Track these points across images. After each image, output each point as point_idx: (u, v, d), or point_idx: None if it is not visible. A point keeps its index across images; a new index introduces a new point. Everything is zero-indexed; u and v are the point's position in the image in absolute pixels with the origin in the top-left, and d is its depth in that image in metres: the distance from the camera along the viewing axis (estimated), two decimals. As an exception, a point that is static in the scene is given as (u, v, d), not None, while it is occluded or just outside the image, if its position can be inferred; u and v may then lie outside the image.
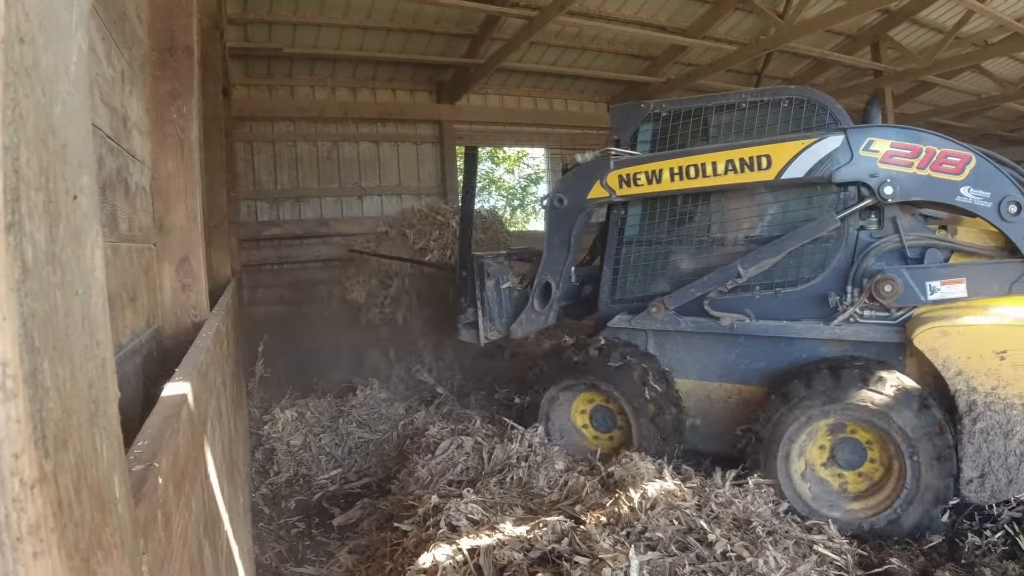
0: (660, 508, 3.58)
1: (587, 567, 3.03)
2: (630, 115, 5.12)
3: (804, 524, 3.82)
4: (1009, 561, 3.72)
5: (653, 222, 5.10)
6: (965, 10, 10.87)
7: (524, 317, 5.52)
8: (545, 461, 4.59)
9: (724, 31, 10.98)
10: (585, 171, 5.11)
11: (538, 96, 11.77)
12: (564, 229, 5.28)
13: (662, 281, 5.08)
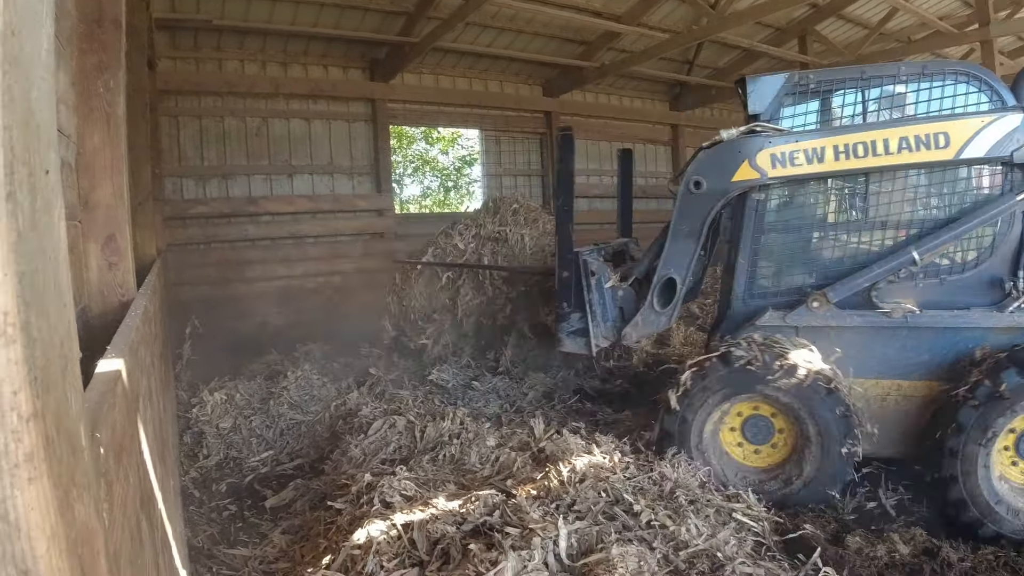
0: (589, 481, 3.72)
1: (518, 537, 3.13)
2: (770, 86, 4.51)
3: (725, 494, 4.03)
4: (916, 528, 4.02)
5: (800, 206, 4.66)
6: (890, 7, 11.38)
7: (640, 319, 4.89)
8: (477, 438, 4.69)
9: (658, 19, 11.21)
10: (729, 150, 4.45)
11: (473, 77, 11.74)
12: (697, 217, 4.61)
13: (812, 272, 4.60)
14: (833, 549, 3.72)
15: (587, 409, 5.97)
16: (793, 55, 12.74)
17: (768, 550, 3.61)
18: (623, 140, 13.85)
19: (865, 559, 3.66)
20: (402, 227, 10.93)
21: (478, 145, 13.10)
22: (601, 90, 13.40)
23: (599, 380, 6.79)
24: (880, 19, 12.35)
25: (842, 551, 3.71)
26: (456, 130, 19.71)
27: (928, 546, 3.79)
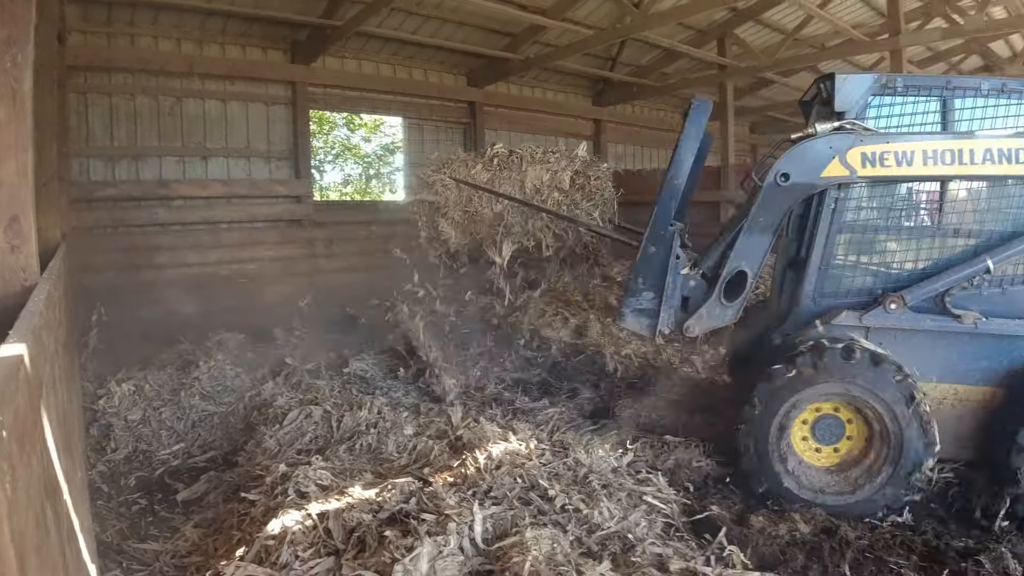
0: (505, 468, 3.80)
1: (434, 523, 3.19)
2: (858, 85, 4.45)
3: (636, 477, 4.18)
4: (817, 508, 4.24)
5: (880, 208, 4.64)
6: (805, 14, 11.87)
7: (705, 311, 4.68)
8: (394, 427, 4.71)
9: (583, 15, 11.36)
10: (821, 145, 4.37)
11: (397, 64, 11.60)
12: (778, 210, 4.50)
13: (886, 275, 4.62)
14: (738, 528, 3.89)
15: (505, 398, 6.05)
16: (712, 56, 13.14)
17: (677, 531, 3.78)
18: (546, 133, 14.01)
19: (768, 537, 3.84)
20: (321, 214, 10.72)
21: (401, 133, 12.96)
22: (526, 83, 13.48)
23: (518, 370, 6.89)
24: (796, 25, 12.88)
25: (746, 530, 3.89)
26: (379, 117, 19.46)
27: (827, 525, 4.00)
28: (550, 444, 4.38)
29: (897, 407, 4.09)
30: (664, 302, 4.68)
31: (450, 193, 6.62)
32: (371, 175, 22.17)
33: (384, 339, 7.33)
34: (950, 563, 3.57)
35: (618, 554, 3.32)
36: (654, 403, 5.69)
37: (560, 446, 4.36)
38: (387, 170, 21.83)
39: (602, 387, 6.33)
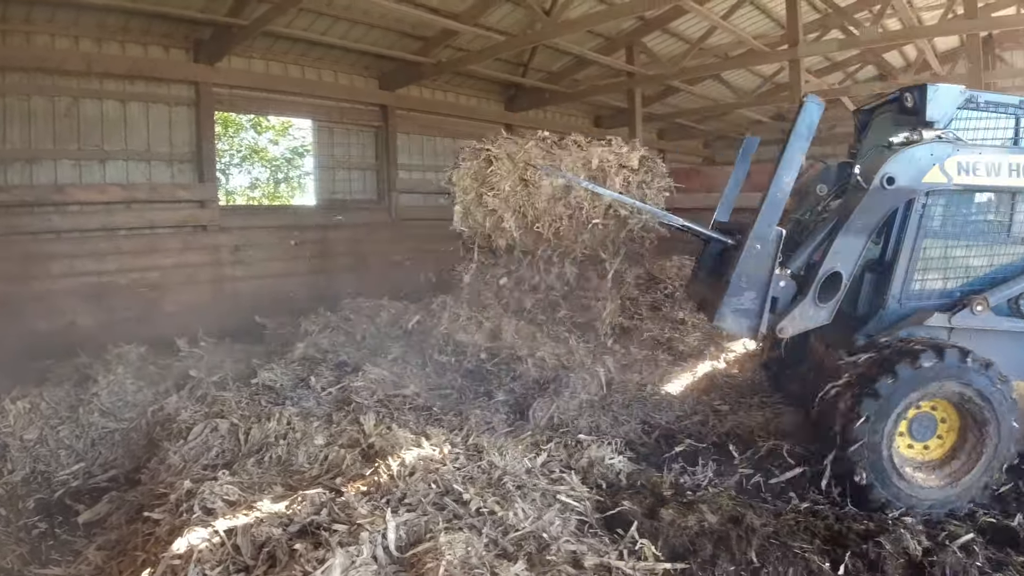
0: (419, 474, 3.80)
1: (346, 533, 3.16)
2: (947, 97, 4.61)
3: (550, 477, 4.24)
4: (723, 497, 4.41)
5: (964, 215, 4.82)
6: (710, 25, 12.33)
7: (799, 312, 4.62)
8: (305, 437, 4.63)
9: (495, 20, 11.44)
10: (925, 151, 4.45)
11: (306, 65, 11.36)
12: (877, 213, 4.52)
13: (968, 278, 4.81)
14: (649, 522, 3.96)
15: (420, 404, 6.02)
16: (621, 64, 13.50)
17: (591, 527, 3.86)
18: (459, 137, 14.01)
19: (678, 529, 3.91)
20: (227, 219, 10.38)
21: (310, 136, 12.72)
22: (438, 87, 13.47)
23: (434, 375, 6.87)
24: (700, 35, 13.36)
25: (657, 523, 3.96)
26: (287, 119, 19.03)
27: (734, 514, 4.12)
28: (464, 448, 4.39)
29: (1000, 407, 4.26)
30: (768, 302, 4.60)
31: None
32: (280, 179, 21.62)
33: (295, 347, 7.16)
34: (852, 545, 3.74)
35: (533, 554, 3.38)
36: (567, 403, 5.78)
37: (475, 450, 4.38)
38: (296, 174, 21.34)
39: (517, 390, 6.38)
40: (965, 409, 4.34)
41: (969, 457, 4.36)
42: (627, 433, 5.43)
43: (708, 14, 11.57)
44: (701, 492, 4.57)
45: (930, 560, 3.59)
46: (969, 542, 3.79)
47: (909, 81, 16.00)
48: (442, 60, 11.90)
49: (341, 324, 8.06)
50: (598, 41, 13.25)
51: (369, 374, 6.32)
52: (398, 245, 12.31)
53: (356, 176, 12.45)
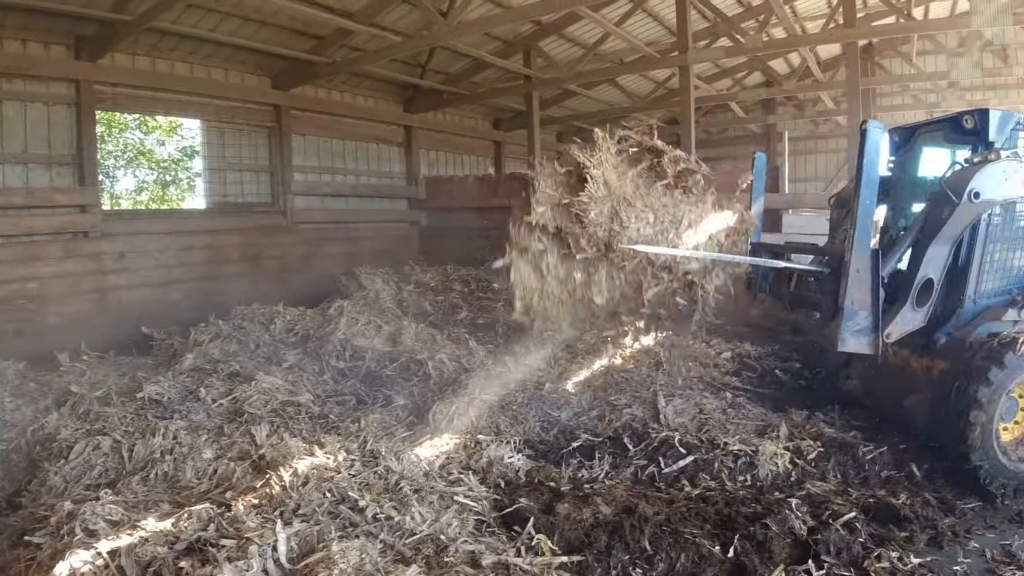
0: (312, 483, 3.72)
1: (234, 548, 3.06)
2: (1006, 120, 5.13)
3: (448, 479, 4.24)
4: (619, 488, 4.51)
5: (1016, 222, 5.35)
6: (604, 31, 12.63)
7: (900, 318, 4.93)
8: (192, 451, 4.46)
9: (391, 20, 11.33)
10: (1003, 168, 4.85)
11: (195, 63, 10.89)
12: (964, 224, 4.90)
13: (1017, 278, 5.35)
14: (545, 518, 4.03)
15: (316, 412, 5.89)
16: (518, 68, 13.64)
17: (488, 526, 3.88)
18: (356, 138, 13.84)
19: (573, 523, 3.99)
20: (111, 225, 9.80)
21: (200, 137, 12.21)
22: (334, 87, 13.22)
23: (332, 380, 6.74)
24: (595, 41, 13.68)
25: (553, 518, 4.04)
26: (175, 119, 18.20)
27: (628, 504, 4.23)
28: (361, 455, 4.33)
29: None
30: (882, 316, 4.86)
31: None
32: (168, 181, 20.61)
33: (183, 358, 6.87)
34: (740, 528, 3.90)
35: (431, 556, 3.37)
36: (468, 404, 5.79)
37: (371, 456, 4.32)
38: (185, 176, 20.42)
39: (416, 393, 6.34)
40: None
41: None
42: (526, 431, 5.48)
43: (602, 21, 11.87)
44: (597, 485, 4.67)
45: (815, 538, 3.78)
46: (851, 520, 4.01)
47: (793, 87, 17.03)
48: (337, 60, 11.68)
49: (233, 333, 7.79)
50: (496, 44, 13.35)
51: (262, 383, 6.12)
52: (294, 249, 12.00)
53: (249, 178, 12.03)
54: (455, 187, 14.50)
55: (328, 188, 13.16)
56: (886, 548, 3.77)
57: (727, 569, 3.61)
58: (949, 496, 4.54)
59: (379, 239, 13.84)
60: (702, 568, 3.60)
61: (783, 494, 4.51)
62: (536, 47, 13.71)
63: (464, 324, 8.95)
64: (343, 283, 10.28)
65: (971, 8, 9.80)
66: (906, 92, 19.43)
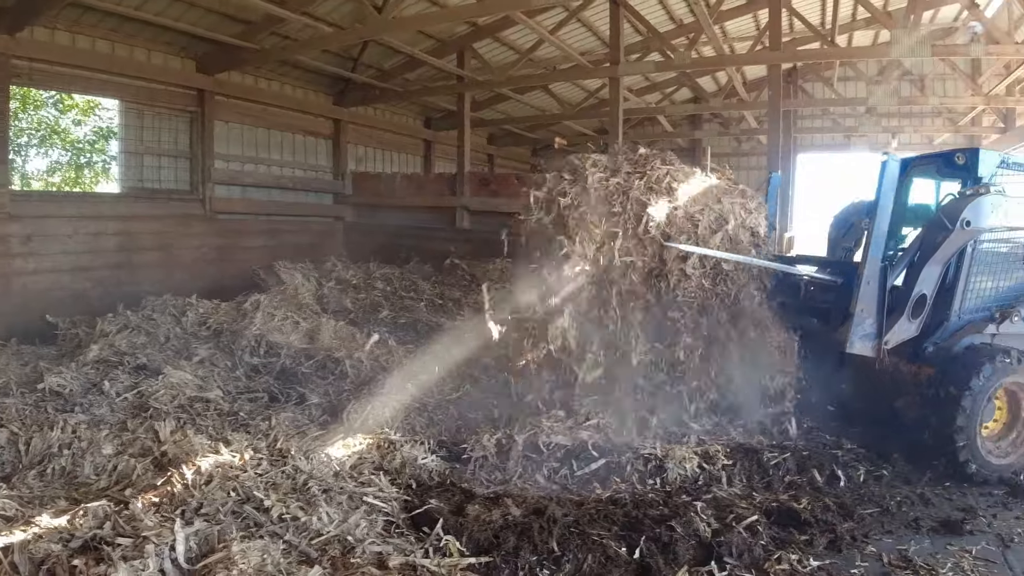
0: (216, 482, 3.63)
1: (130, 547, 2.97)
2: (992, 159, 5.95)
3: (359, 480, 4.21)
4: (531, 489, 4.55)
5: (1006, 247, 5.98)
6: (538, 37, 12.73)
7: (898, 328, 5.69)
8: (92, 447, 4.30)
9: (324, 11, 11.10)
10: (989, 201, 5.51)
11: (117, 41, 10.36)
12: (955, 248, 5.62)
13: (997, 296, 5.97)
14: (455, 519, 4.04)
15: (226, 409, 5.74)
16: (452, 68, 13.61)
17: (397, 527, 3.87)
18: (283, 129, 13.54)
19: (482, 524, 4.00)
20: (19, 206, 9.14)
21: (118, 118, 11.67)
22: (262, 75, 12.86)
23: (244, 377, 6.59)
24: (530, 46, 13.77)
25: (463, 520, 4.04)
26: (93, 98, 17.34)
27: (538, 506, 4.29)
28: (269, 453, 4.25)
29: None
30: (886, 324, 5.64)
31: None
32: (82, 163, 19.62)
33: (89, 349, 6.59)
34: (647, 530, 3.99)
35: (337, 557, 3.34)
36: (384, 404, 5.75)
37: (280, 455, 4.25)
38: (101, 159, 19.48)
39: (331, 392, 6.26)
40: (1016, 395, 5.60)
41: (1020, 430, 5.63)
42: (441, 432, 5.50)
43: (537, 27, 11.98)
44: (510, 487, 4.72)
45: (718, 540, 3.91)
46: (754, 523, 4.19)
47: (719, 105, 17.59)
48: (266, 47, 11.37)
49: (143, 324, 7.53)
50: (430, 43, 13.28)
51: (170, 378, 5.94)
52: (212, 240, 11.63)
53: (167, 164, 11.55)
54: (383, 184, 14.34)
55: (250, 178, 12.80)
56: (786, 551, 3.93)
57: (632, 570, 3.69)
58: (848, 501, 4.75)
59: (302, 233, 13.55)
60: (608, 569, 3.67)
61: (690, 497, 4.65)
62: (471, 48, 13.70)
63: (385, 323, 8.89)
64: (261, 277, 10.05)
65: (892, 38, 10.33)
66: (826, 115, 20.35)
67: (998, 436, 5.64)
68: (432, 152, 18.03)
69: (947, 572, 3.88)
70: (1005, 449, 5.58)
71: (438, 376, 6.61)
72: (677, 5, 14.06)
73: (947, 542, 4.27)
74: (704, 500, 4.58)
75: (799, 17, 13.42)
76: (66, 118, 19.10)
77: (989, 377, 5.38)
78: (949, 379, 5.46)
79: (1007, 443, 5.61)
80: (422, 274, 11.67)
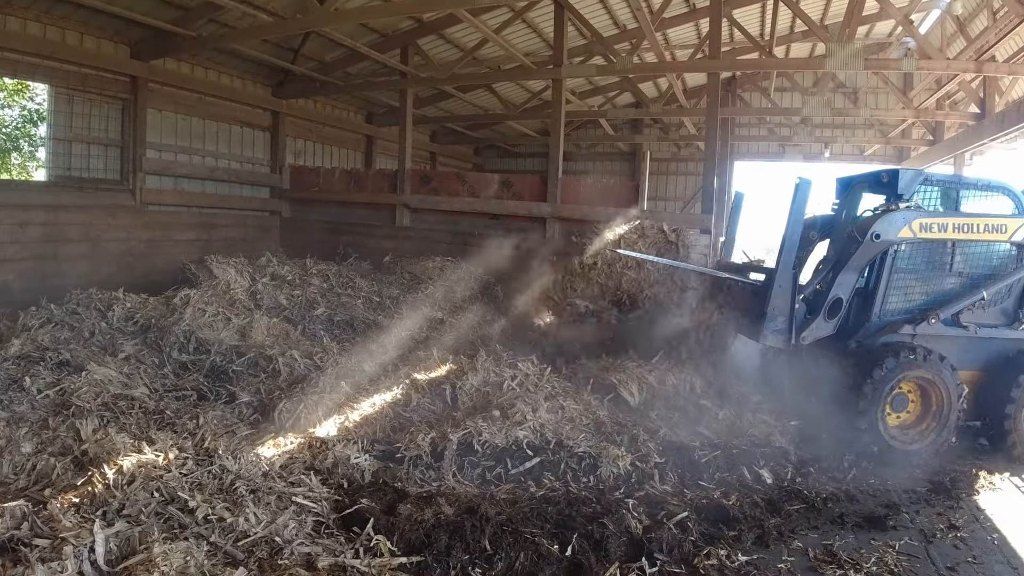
0: (139, 482, 3.54)
1: (48, 548, 2.88)
2: (913, 180, 6.60)
3: (289, 480, 4.15)
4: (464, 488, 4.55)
5: (923, 257, 6.68)
6: (482, 36, 12.72)
7: (814, 326, 6.52)
8: (10, 444, 4.14)
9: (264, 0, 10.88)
10: (901, 216, 6.31)
11: (49, 24, 9.93)
12: (867, 257, 6.42)
13: (924, 300, 6.68)
14: (386, 518, 4.03)
15: (152, 407, 5.58)
16: (395, 63, 13.49)
17: (327, 528, 3.84)
18: (219, 119, 13.21)
19: (414, 523, 3.99)
20: None
21: (47, 103, 11.18)
22: (199, 63, 12.51)
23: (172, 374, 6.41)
24: (474, 45, 13.75)
25: (394, 519, 4.03)
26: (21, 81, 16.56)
27: (470, 505, 4.29)
28: (194, 453, 4.16)
29: (954, 388, 6.24)
30: (795, 321, 6.52)
31: None
32: (8, 148, 18.72)
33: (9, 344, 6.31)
34: (579, 527, 4.07)
35: (264, 559, 3.31)
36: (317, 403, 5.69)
37: (206, 454, 4.16)
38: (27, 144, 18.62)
39: (263, 390, 6.15)
40: (926, 389, 6.30)
41: (930, 422, 6.31)
42: (375, 432, 5.47)
43: (481, 26, 11.99)
44: (444, 486, 4.73)
45: (649, 537, 4.01)
46: (684, 519, 4.31)
47: (659, 110, 17.91)
48: (203, 34, 11.05)
49: (67, 318, 7.25)
50: (373, 37, 13.13)
51: (94, 374, 5.74)
52: (142, 232, 11.26)
53: (97, 152, 11.12)
54: (322, 179, 14.10)
55: (184, 169, 12.42)
56: (715, 546, 4.06)
57: (565, 567, 3.76)
58: (776, 498, 4.92)
59: (236, 227, 13.22)
60: (540, 567, 3.73)
61: (622, 494, 4.75)
62: (415, 44, 13.59)
63: (321, 320, 8.77)
64: (192, 271, 9.75)
65: (827, 51, 10.71)
66: (762, 124, 20.96)
67: (909, 426, 6.35)
68: (374, 148, 17.83)
69: (871, 567, 4.05)
70: (912, 437, 6.27)
71: (373, 374, 6.56)
72: (621, 10, 14.23)
73: (871, 537, 4.47)
74: (636, 497, 4.68)
75: (739, 27, 13.74)
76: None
77: (892, 369, 6.12)
78: (857, 369, 6.23)
79: (915, 432, 6.30)
80: (360, 271, 11.54)
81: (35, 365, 6.05)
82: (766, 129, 21.00)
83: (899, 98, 17.45)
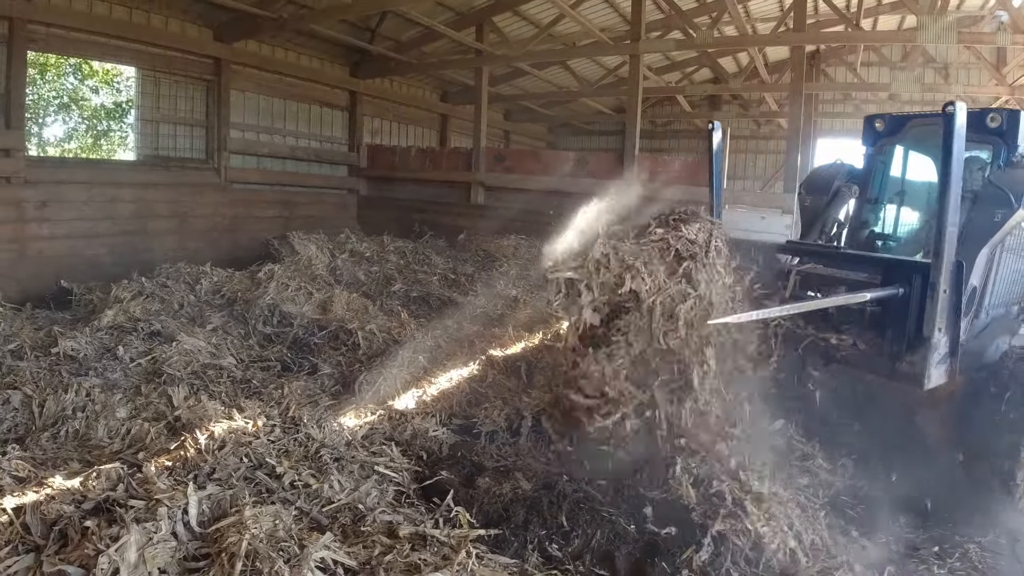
0: (229, 447, 3.65)
1: (143, 509, 2.99)
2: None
3: (370, 450, 4.21)
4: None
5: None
6: (559, 12, 12.57)
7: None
8: (105, 410, 4.34)
9: (346, -21, 11.00)
10: None
11: (135, 8, 10.29)
12: (1010, 229, 4.43)
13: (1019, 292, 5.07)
14: (465, 491, 4.05)
15: (239, 376, 5.76)
16: (470, 41, 13.46)
17: (408, 498, 3.88)
18: (299, 100, 13.49)
19: (493, 497, 4.01)
20: (35, 172, 9.18)
21: (134, 86, 11.64)
22: (279, 44, 12.77)
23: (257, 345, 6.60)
24: (550, 21, 13.59)
25: (473, 492, 4.05)
26: (112, 66, 17.27)
27: (548, 480, 4.24)
28: (281, 421, 4.26)
29: None
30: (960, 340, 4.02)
31: None
32: (100, 131, 19.61)
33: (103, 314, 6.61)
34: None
35: (348, 525, 3.36)
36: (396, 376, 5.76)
37: (292, 422, 4.26)
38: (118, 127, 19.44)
39: (343, 363, 6.27)
40: None
41: None
42: (452, 406, 5.49)
43: (557, 1, 11.82)
44: (519, 460, 4.71)
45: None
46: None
47: (739, 86, 17.32)
48: (284, 16, 11.27)
49: (157, 291, 7.55)
50: (449, 15, 13.13)
51: (184, 344, 5.96)
52: (226, 209, 11.64)
53: (183, 132, 11.56)
54: (398, 157, 14.27)
55: (266, 148, 12.77)
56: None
57: (640, 547, 3.68)
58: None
59: (315, 205, 13.53)
60: (616, 545, 3.66)
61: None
62: (490, 22, 13.54)
63: (398, 296, 8.87)
64: (275, 247, 10.05)
65: (918, 23, 10.09)
66: (848, 100, 20.00)
67: None
68: (448, 126, 17.92)
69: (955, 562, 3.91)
70: None
71: (449, 350, 6.60)
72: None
73: (956, 532, 4.21)
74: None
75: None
76: (85, 86, 19.04)
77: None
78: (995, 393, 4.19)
79: None
80: (435, 248, 11.65)
81: (127, 335, 6.31)
82: (852, 106, 20.02)
83: (992, 74, 16.40)
